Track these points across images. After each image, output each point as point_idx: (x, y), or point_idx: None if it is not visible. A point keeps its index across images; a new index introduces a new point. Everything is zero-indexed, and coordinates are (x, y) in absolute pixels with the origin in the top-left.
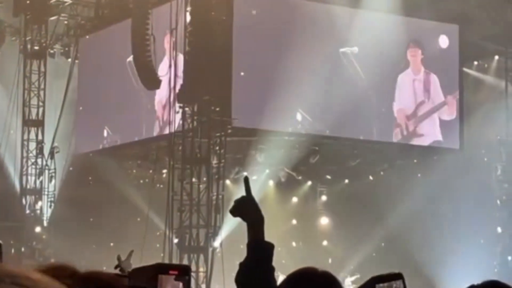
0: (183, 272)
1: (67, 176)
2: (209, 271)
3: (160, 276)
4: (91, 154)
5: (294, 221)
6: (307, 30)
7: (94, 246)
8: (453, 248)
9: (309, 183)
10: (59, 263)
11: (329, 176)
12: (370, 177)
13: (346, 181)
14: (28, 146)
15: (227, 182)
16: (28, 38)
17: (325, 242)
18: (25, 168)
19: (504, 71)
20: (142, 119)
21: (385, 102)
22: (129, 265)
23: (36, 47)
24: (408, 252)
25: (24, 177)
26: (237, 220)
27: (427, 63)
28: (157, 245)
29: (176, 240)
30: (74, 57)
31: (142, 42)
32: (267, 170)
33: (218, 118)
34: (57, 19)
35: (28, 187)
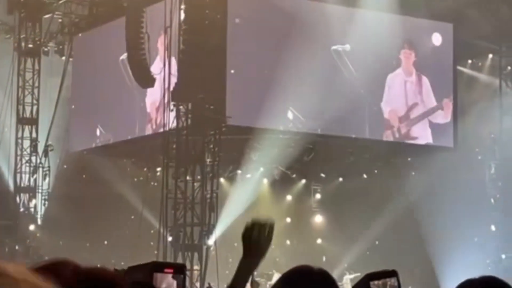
0: (179, 270)
1: (61, 174)
2: (203, 269)
3: (156, 274)
4: (85, 152)
5: (288, 219)
6: (301, 28)
7: (88, 244)
8: (447, 246)
9: (303, 182)
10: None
11: (323, 175)
12: (364, 176)
13: (340, 180)
14: (22, 144)
15: (221, 180)
16: (22, 36)
17: (319, 240)
18: (19, 166)
19: (498, 70)
20: (135, 118)
21: (378, 101)
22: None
23: (30, 45)
24: (402, 250)
25: (18, 175)
26: (231, 219)
27: (421, 62)
28: (151, 243)
29: (170, 238)
30: (68, 55)
31: (137, 41)
32: (261, 169)
33: (212, 117)
34: (51, 17)
35: (22, 185)
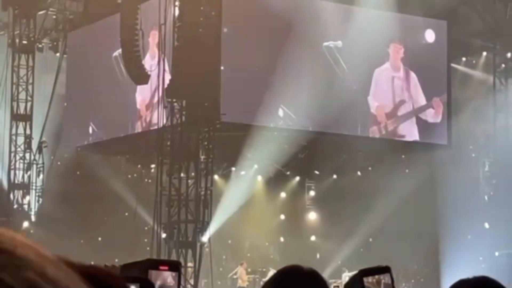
0: (174, 268)
1: (55, 171)
2: (197, 266)
3: (151, 272)
4: (79, 149)
5: (282, 216)
6: (294, 25)
7: (82, 241)
8: (441, 243)
9: (297, 179)
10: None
11: (317, 172)
12: (358, 173)
13: (334, 177)
14: (16, 141)
15: (215, 177)
16: (17, 33)
17: (313, 237)
18: (13, 163)
19: (492, 67)
20: (128, 115)
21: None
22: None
23: (25, 42)
24: (396, 247)
25: (12, 172)
26: (225, 216)
27: (413, 59)
28: (145, 240)
29: (164, 235)
30: (63, 52)
31: (131, 37)
32: (256, 166)
33: (207, 114)
34: (46, 14)
35: (16, 182)
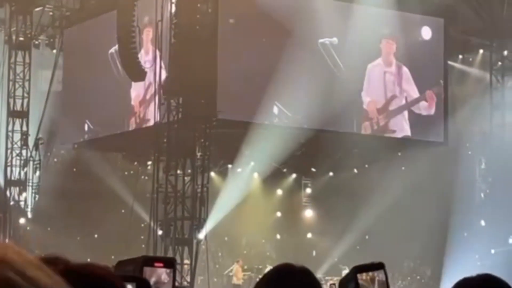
0: (168, 265)
1: (52, 168)
2: (194, 263)
3: (145, 268)
4: (76, 146)
5: (279, 214)
6: (289, 22)
7: (79, 238)
8: (437, 241)
9: (294, 176)
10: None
11: (314, 169)
12: (355, 170)
13: (331, 174)
14: (13, 137)
15: (212, 175)
16: (13, 29)
17: (310, 235)
18: (10, 159)
19: (489, 65)
20: (123, 112)
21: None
22: None
23: (21, 38)
24: (392, 244)
25: (9, 168)
26: (222, 213)
27: (409, 56)
28: (142, 237)
29: (161, 232)
30: (59, 48)
31: (128, 34)
32: (252, 163)
33: (203, 111)
34: (42, 10)
35: (13, 179)
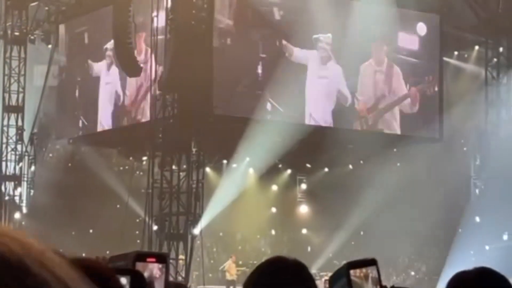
0: (161, 260)
1: (47, 163)
2: (189, 259)
3: (138, 264)
4: (71, 141)
5: (274, 209)
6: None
7: (74, 233)
8: (431, 237)
9: (289, 172)
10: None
11: (309, 165)
12: (350, 166)
13: (326, 170)
14: (8, 132)
15: (207, 170)
16: (9, 24)
17: (304, 230)
18: (5, 154)
19: (484, 62)
20: (118, 107)
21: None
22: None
23: (17, 33)
24: (386, 240)
25: (4, 163)
26: (217, 209)
27: (404, 53)
28: (137, 232)
29: (156, 227)
30: (55, 43)
31: (124, 29)
32: (248, 158)
33: (199, 106)
34: (38, 5)
35: (8, 173)
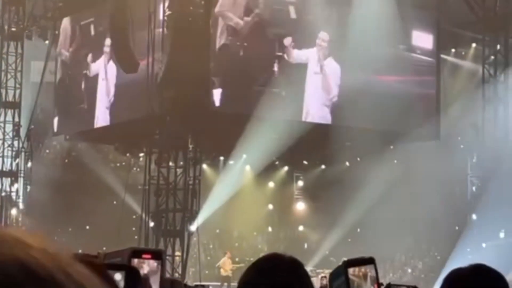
0: (156, 256)
1: (44, 159)
2: (185, 255)
3: (133, 260)
4: (68, 137)
5: (271, 206)
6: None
7: (70, 229)
8: (428, 234)
9: (286, 169)
10: None
11: (306, 162)
12: (347, 163)
13: (323, 167)
14: (5, 128)
15: (204, 167)
16: (5, 19)
17: (301, 227)
18: (1, 150)
19: (482, 59)
20: (117, 104)
21: None
22: None
23: (14, 29)
24: (383, 238)
25: (0, 159)
26: (214, 205)
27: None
28: (133, 229)
29: (152, 224)
30: (52, 39)
31: (121, 26)
32: (244, 155)
33: (196, 103)
34: (35, 1)
35: (4, 169)
